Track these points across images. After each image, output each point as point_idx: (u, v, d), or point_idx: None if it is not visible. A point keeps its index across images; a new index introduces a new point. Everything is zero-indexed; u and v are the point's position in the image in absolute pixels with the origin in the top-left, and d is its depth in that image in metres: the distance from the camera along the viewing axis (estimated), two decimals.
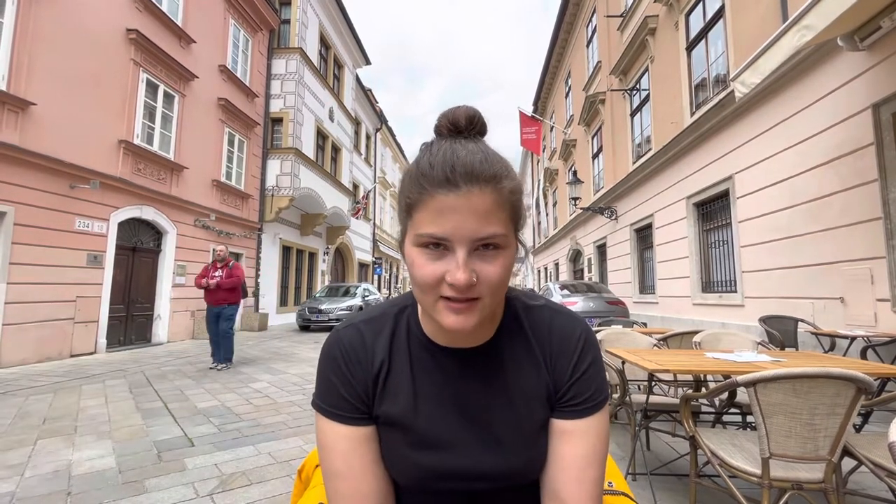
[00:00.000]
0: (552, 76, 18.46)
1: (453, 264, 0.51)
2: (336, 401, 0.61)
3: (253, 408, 3.95)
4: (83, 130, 6.80)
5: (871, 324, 3.98)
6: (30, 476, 2.44)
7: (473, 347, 0.62)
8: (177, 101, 8.89)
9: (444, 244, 0.51)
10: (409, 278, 0.56)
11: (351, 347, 0.62)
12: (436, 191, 0.51)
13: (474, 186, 0.50)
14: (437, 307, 0.54)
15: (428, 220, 0.51)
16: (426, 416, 0.61)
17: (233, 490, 2.28)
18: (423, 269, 0.52)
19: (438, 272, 0.52)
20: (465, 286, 0.50)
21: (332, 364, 0.62)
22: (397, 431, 0.61)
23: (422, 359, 0.63)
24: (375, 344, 0.63)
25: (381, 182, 23.71)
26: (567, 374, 0.62)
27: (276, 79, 12.50)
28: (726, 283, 6.49)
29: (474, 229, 0.50)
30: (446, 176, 0.51)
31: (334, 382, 0.61)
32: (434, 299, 0.53)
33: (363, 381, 0.61)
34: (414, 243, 0.53)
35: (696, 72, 7.28)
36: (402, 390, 0.62)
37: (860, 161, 4.11)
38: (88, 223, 6.99)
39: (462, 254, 0.51)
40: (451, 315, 0.53)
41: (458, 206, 0.50)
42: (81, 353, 6.82)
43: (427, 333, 0.63)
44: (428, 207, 0.51)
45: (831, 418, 1.45)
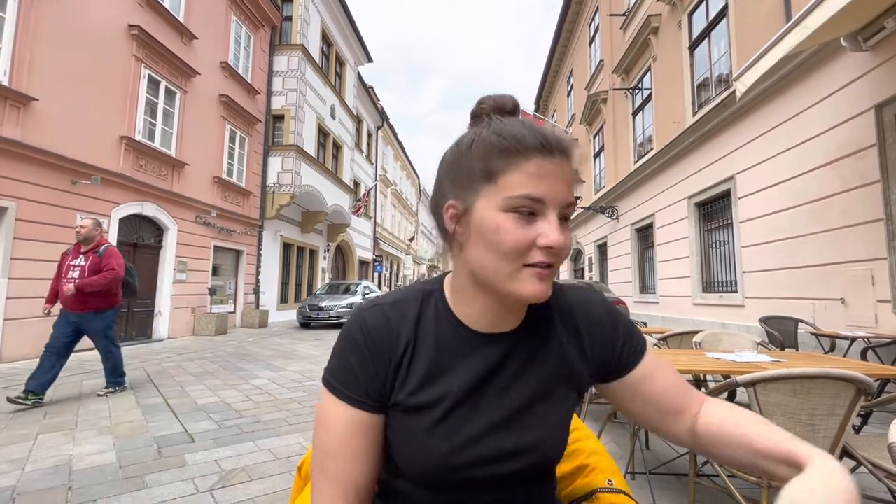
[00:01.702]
0: (554, 75, 18.42)
1: (546, 227, 0.52)
2: (350, 382, 0.58)
3: (253, 404, 3.96)
4: (85, 126, 6.80)
5: (871, 325, 3.98)
6: (31, 470, 2.45)
7: (504, 332, 0.62)
8: (178, 97, 8.88)
9: (535, 209, 0.52)
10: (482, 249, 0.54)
11: (374, 329, 0.60)
12: (532, 154, 0.52)
13: (564, 156, 0.54)
14: (520, 275, 0.53)
15: (523, 181, 0.52)
16: (452, 401, 0.59)
17: (233, 486, 2.29)
18: (512, 233, 0.52)
19: (530, 236, 0.52)
20: (563, 247, 0.52)
21: (352, 345, 0.59)
22: (419, 417, 0.58)
23: (450, 343, 0.61)
24: (400, 326, 0.60)
25: (383, 180, 23.70)
26: (615, 347, 0.64)
27: (278, 76, 12.49)
28: (727, 283, 6.49)
29: (565, 195, 0.53)
30: (541, 142, 0.53)
31: (351, 364, 0.59)
32: (517, 267, 0.53)
33: (383, 367, 0.59)
34: (502, 208, 0.53)
35: (699, 71, 7.26)
36: (426, 375, 0.59)
37: (862, 162, 4.10)
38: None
39: (555, 217, 0.53)
40: (536, 282, 0.53)
41: (553, 171, 0.52)
42: (82, 348, 6.81)
43: (458, 316, 0.62)
44: (523, 170, 0.52)
45: (831, 419, 1.45)
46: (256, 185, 11.78)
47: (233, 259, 11.36)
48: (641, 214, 9.45)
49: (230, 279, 11.29)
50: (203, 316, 9.52)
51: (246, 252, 11.53)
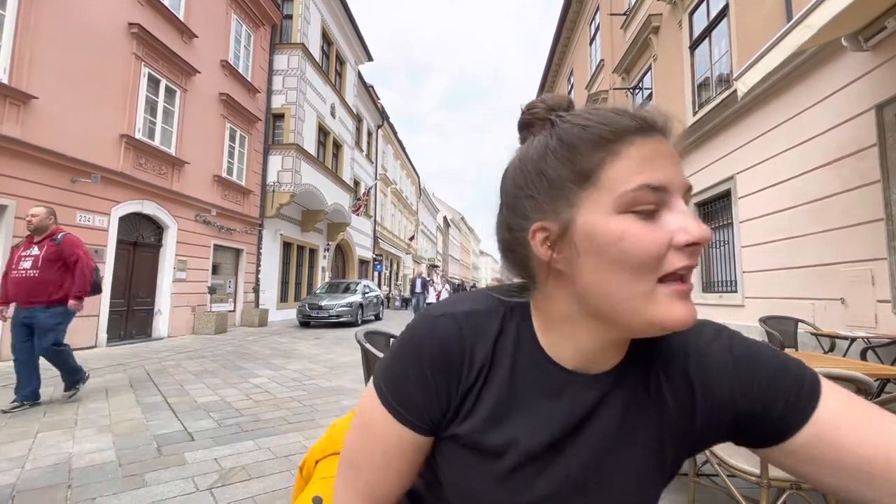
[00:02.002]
0: (554, 74, 18.40)
1: (681, 219, 0.40)
2: (405, 400, 0.50)
3: (253, 403, 3.97)
4: (84, 124, 6.80)
5: (871, 325, 3.98)
6: (30, 468, 2.45)
7: (598, 374, 0.49)
8: (178, 95, 8.88)
9: (657, 201, 0.41)
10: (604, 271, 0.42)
11: (445, 346, 0.49)
12: (633, 136, 0.42)
13: (664, 133, 0.43)
14: (656, 296, 0.40)
15: (635, 169, 0.41)
16: (524, 452, 0.48)
17: (232, 484, 2.29)
18: (643, 237, 0.40)
19: (664, 237, 0.40)
20: (708, 238, 0.40)
21: (416, 357, 0.49)
22: (482, 461, 0.49)
23: (529, 377, 0.50)
24: (476, 343, 0.50)
25: (383, 179, 23.68)
26: (743, 396, 0.46)
27: (278, 74, 12.48)
28: (727, 283, 6.49)
29: (683, 177, 0.42)
30: (638, 120, 0.42)
31: (411, 379, 0.49)
32: (650, 287, 0.40)
33: (448, 391, 0.49)
34: (617, 209, 0.41)
35: (699, 71, 7.26)
36: (497, 410, 0.49)
37: (862, 162, 4.10)
38: (90, 217, 7.00)
39: (681, 203, 0.42)
40: (679, 302, 0.40)
41: (662, 151, 0.42)
42: (82, 346, 6.83)
43: (544, 347, 0.50)
44: (629, 156, 0.41)
45: None
46: (256, 183, 11.78)
47: (233, 258, 11.36)
48: None
49: (230, 278, 11.29)
50: (203, 314, 9.52)
51: (246, 251, 11.53)
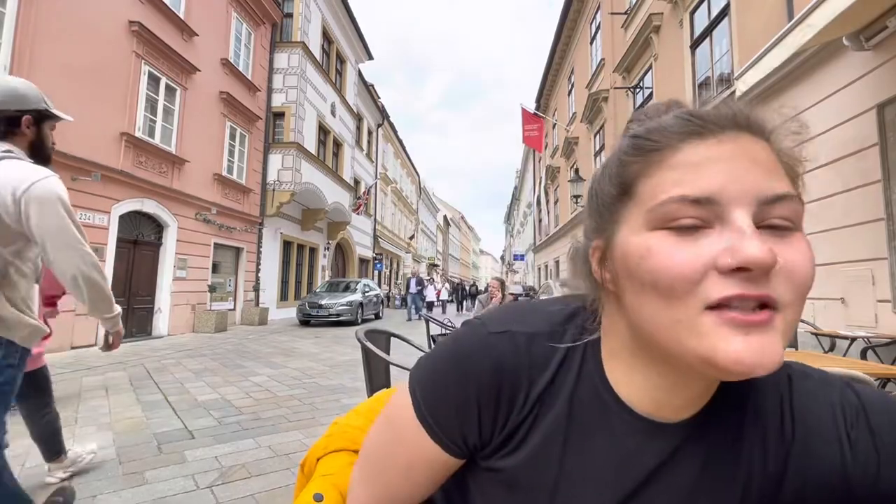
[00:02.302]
0: (555, 73, 18.39)
1: (729, 236, 0.32)
2: (440, 418, 0.44)
3: (253, 401, 3.97)
4: (85, 122, 6.79)
5: (871, 324, 3.98)
6: (31, 466, 2.46)
7: (673, 423, 0.41)
8: (178, 94, 8.87)
9: (703, 216, 0.33)
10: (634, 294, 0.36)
11: (499, 371, 0.43)
12: (679, 141, 0.35)
13: (743, 132, 0.35)
14: (701, 326, 0.32)
15: (673, 180, 0.34)
16: (570, 498, 0.42)
17: (233, 482, 2.29)
18: (670, 256, 0.33)
19: (701, 258, 0.32)
20: (764, 262, 0.30)
21: (461, 377, 0.43)
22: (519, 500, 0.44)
23: (589, 416, 0.42)
24: (534, 376, 0.43)
25: (383, 178, 23.68)
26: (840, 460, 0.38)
27: (279, 73, 12.47)
28: None
29: (758, 182, 0.33)
30: (689, 120, 0.36)
31: (451, 398, 0.43)
32: (692, 312, 0.32)
33: (492, 422, 0.43)
34: (650, 225, 0.35)
35: (700, 70, 7.25)
36: (546, 451, 0.43)
37: (863, 161, 4.10)
38: (90, 216, 6.99)
39: (743, 218, 0.32)
40: (732, 336, 0.31)
41: (724, 155, 0.34)
42: (82, 345, 6.84)
43: (612, 384, 0.42)
44: (669, 165, 0.35)
45: None
46: (257, 182, 11.78)
47: (233, 256, 11.36)
48: None
49: (230, 276, 11.29)
50: (203, 313, 9.52)
51: (246, 249, 11.53)
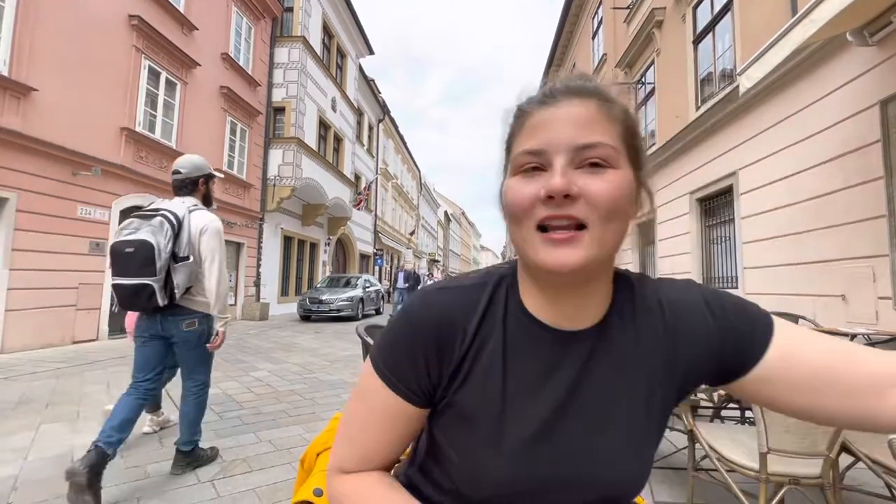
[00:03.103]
0: (556, 68, 18.29)
1: (549, 176, 0.45)
2: (399, 371, 0.53)
3: (254, 396, 3.98)
4: (85, 117, 6.78)
5: (872, 322, 3.98)
6: (33, 459, 2.47)
7: (583, 330, 0.52)
8: (179, 88, 8.84)
9: (540, 162, 0.46)
10: (507, 225, 0.50)
11: (438, 317, 0.52)
12: (533, 109, 0.48)
13: (574, 97, 0.47)
14: (531, 240, 0.46)
15: (524, 140, 0.48)
16: (517, 413, 0.51)
17: (234, 476, 2.31)
18: (515, 192, 0.47)
19: (530, 192, 0.45)
20: (561, 191, 0.43)
21: (410, 330, 0.53)
22: (476, 428, 0.51)
23: (518, 341, 0.52)
24: (468, 316, 0.52)
25: (384, 173, 23.64)
26: (722, 337, 0.51)
27: (279, 67, 12.42)
28: (728, 279, 6.49)
29: (572, 135, 0.45)
30: (544, 94, 0.49)
31: (402, 351, 0.53)
32: (527, 232, 0.46)
33: (437, 363, 0.52)
34: (512, 174, 0.49)
35: (703, 66, 7.21)
36: (488, 378, 0.51)
37: (865, 158, 4.08)
38: (90, 210, 7.00)
39: (560, 161, 0.45)
40: (546, 248, 0.45)
41: (555, 117, 0.46)
42: (83, 339, 6.86)
43: (529, 309, 0.53)
44: (524, 128, 0.49)
45: None
46: (257, 177, 11.77)
47: (233, 252, 11.36)
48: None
49: (230, 272, 11.30)
50: None
51: (246, 245, 11.54)
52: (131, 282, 2.06)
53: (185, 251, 2.15)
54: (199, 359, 2.35)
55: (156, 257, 2.04)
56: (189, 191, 2.36)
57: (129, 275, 2.06)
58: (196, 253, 2.22)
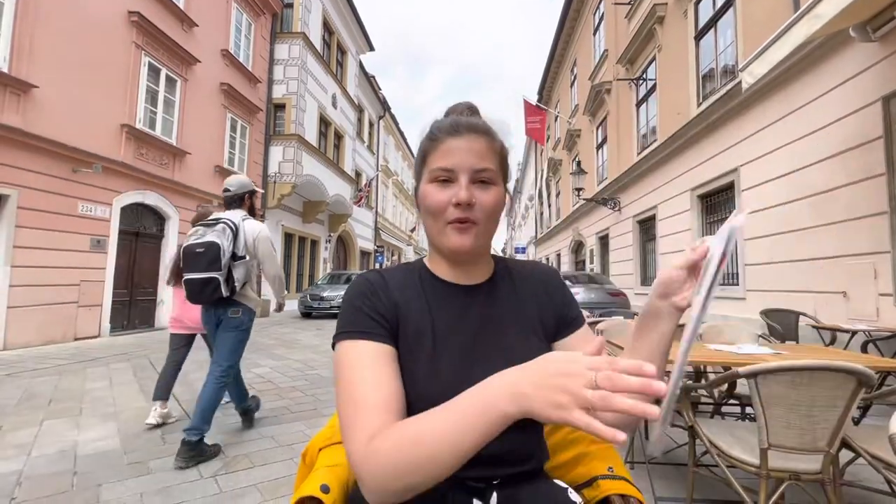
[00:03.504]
0: (557, 65, 18.23)
1: (458, 188, 0.68)
2: (362, 322, 0.67)
3: (255, 392, 3.99)
4: (85, 114, 6.78)
5: (872, 318, 3.98)
6: (36, 455, 2.48)
7: (475, 284, 0.77)
8: (179, 85, 8.83)
9: (450, 176, 0.68)
10: (423, 214, 0.72)
11: (375, 281, 0.74)
12: (445, 137, 0.70)
13: (472, 133, 0.70)
14: (445, 231, 0.69)
15: (439, 158, 0.70)
16: (443, 334, 0.70)
17: (235, 472, 2.32)
18: (434, 196, 0.69)
19: (447, 197, 0.68)
20: (467, 201, 0.67)
21: (358, 294, 0.71)
22: (420, 351, 0.68)
23: (434, 293, 0.75)
24: (392, 281, 0.75)
25: (384, 170, 23.61)
26: (561, 301, 0.80)
27: (279, 64, 12.39)
28: (728, 275, 6.48)
29: (473, 162, 0.69)
30: (453, 127, 0.70)
31: (360, 307, 0.69)
32: (442, 224, 0.69)
33: (386, 305, 0.70)
34: (428, 180, 0.71)
35: (704, 61, 7.18)
36: (417, 314, 0.71)
37: (868, 155, 4.07)
38: (91, 207, 7.00)
39: (464, 179, 0.68)
40: (455, 235, 0.69)
41: (461, 146, 0.69)
42: (85, 336, 6.88)
43: (436, 274, 0.77)
44: (439, 150, 0.70)
45: (831, 410, 1.46)
46: (258, 174, 11.75)
47: None
48: (644, 206, 9.42)
49: None
50: None
51: None
52: (201, 276, 2.54)
53: (242, 251, 2.67)
54: (231, 345, 2.68)
55: (221, 255, 2.53)
56: (238, 205, 2.85)
57: (199, 270, 2.53)
58: (251, 253, 2.75)
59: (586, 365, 0.43)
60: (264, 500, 2.04)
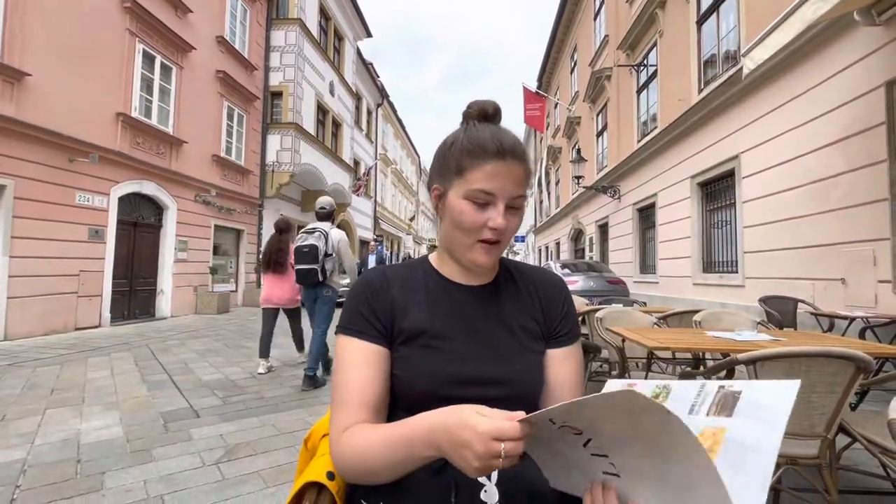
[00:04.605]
0: (557, 51, 18.02)
1: (495, 213, 0.70)
2: (358, 323, 0.73)
3: (257, 381, 4.02)
4: (80, 103, 6.69)
5: (870, 305, 3.99)
6: (40, 444, 2.50)
7: (480, 285, 0.80)
8: (174, 73, 8.72)
9: (488, 199, 0.70)
10: (450, 224, 0.74)
11: (376, 281, 0.78)
12: (490, 158, 0.70)
13: (516, 160, 0.71)
14: (474, 247, 0.73)
15: (482, 179, 0.70)
16: (442, 331, 0.74)
17: (238, 460, 2.34)
18: (471, 216, 0.71)
19: (483, 219, 0.71)
20: (503, 230, 0.71)
21: (358, 296, 0.76)
22: (418, 345, 0.73)
23: (437, 291, 0.79)
24: (395, 278, 0.79)
25: (383, 159, 23.46)
26: (559, 313, 0.81)
27: (276, 51, 12.22)
28: (728, 263, 6.49)
29: (512, 190, 0.71)
30: (498, 149, 0.70)
31: (359, 309, 0.74)
32: (472, 242, 0.73)
33: (383, 308, 0.74)
34: (464, 196, 0.71)
35: (706, 47, 7.09)
36: (420, 311, 0.75)
37: (869, 141, 4.04)
38: (89, 197, 6.96)
39: (502, 206, 0.70)
40: (484, 254, 0.73)
41: (504, 172, 0.70)
42: (86, 326, 6.90)
43: (442, 273, 0.81)
44: (482, 170, 0.70)
45: (828, 396, 1.47)
46: (255, 163, 11.68)
47: (233, 238, 11.35)
48: (644, 194, 9.39)
49: (231, 258, 11.31)
50: (205, 294, 9.57)
51: (246, 231, 11.52)
52: (306, 266, 3.88)
53: (330, 251, 3.94)
54: (325, 312, 4.01)
55: (318, 254, 3.85)
56: (328, 218, 4.15)
57: (305, 263, 3.87)
58: (336, 252, 3.99)
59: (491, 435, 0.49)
60: (266, 486, 2.06)
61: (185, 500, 1.93)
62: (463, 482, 0.65)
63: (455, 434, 0.52)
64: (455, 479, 0.65)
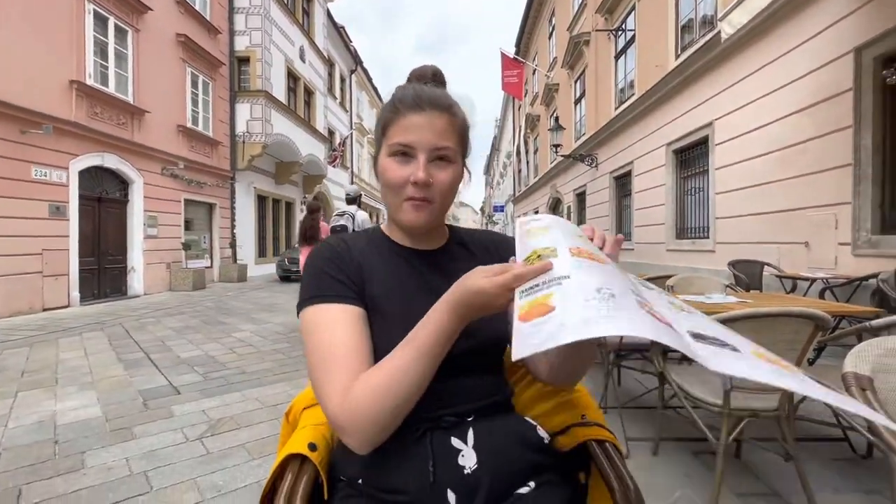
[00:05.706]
0: (536, 14, 17.57)
1: (416, 166, 0.68)
2: (329, 285, 0.69)
3: (237, 356, 4.00)
4: (29, 69, 6.22)
5: (831, 266, 4.19)
6: (14, 427, 2.45)
7: (431, 249, 0.80)
8: (130, 36, 8.16)
9: (409, 152, 0.69)
10: (382, 187, 0.74)
11: (337, 245, 0.75)
12: (406, 111, 0.69)
13: (435, 110, 0.69)
14: (402, 206, 0.71)
15: (399, 133, 0.69)
16: (409, 295, 0.72)
17: (222, 434, 2.35)
18: (393, 172, 0.70)
19: (405, 174, 0.69)
20: (424, 182, 0.68)
21: (322, 259, 0.72)
22: (383, 310, 0.70)
23: (392, 256, 0.77)
24: (355, 245, 0.77)
25: (358, 128, 22.85)
26: None
27: (240, 13, 11.54)
28: (700, 229, 6.68)
29: (432, 141, 0.69)
30: (415, 101, 0.69)
31: (326, 271, 0.70)
32: (400, 200, 0.71)
33: (350, 268, 0.72)
34: (387, 154, 0.71)
35: (684, 11, 7.03)
36: (382, 277, 0.73)
37: (837, 107, 4.13)
38: (46, 172, 6.59)
39: (423, 158, 0.69)
40: (412, 212, 0.71)
41: (421, 123, 0.68)
42: (54, 306, 6.67)
43: (394, 240, 0.80)
44: (399, 124, 0.69)
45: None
46: (225, 134, 11.21)
47: (206, 212, 11.01)
48: (620, 162, 9.46)
49: (204, 233, 11.00)
50: (179, 271, 9.35)
51: (219, 205, 11.18)
52: None
53: (357, 229, 4.33)
54: None
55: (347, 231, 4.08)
56: (355, 202, 4.85)
57: None
58: None
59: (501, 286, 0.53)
60: (252, 458, 2.08)
61: (169, 475, 1.94)
62: (440, 450, 0.65)
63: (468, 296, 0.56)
64: (432, 445, 0.65)
